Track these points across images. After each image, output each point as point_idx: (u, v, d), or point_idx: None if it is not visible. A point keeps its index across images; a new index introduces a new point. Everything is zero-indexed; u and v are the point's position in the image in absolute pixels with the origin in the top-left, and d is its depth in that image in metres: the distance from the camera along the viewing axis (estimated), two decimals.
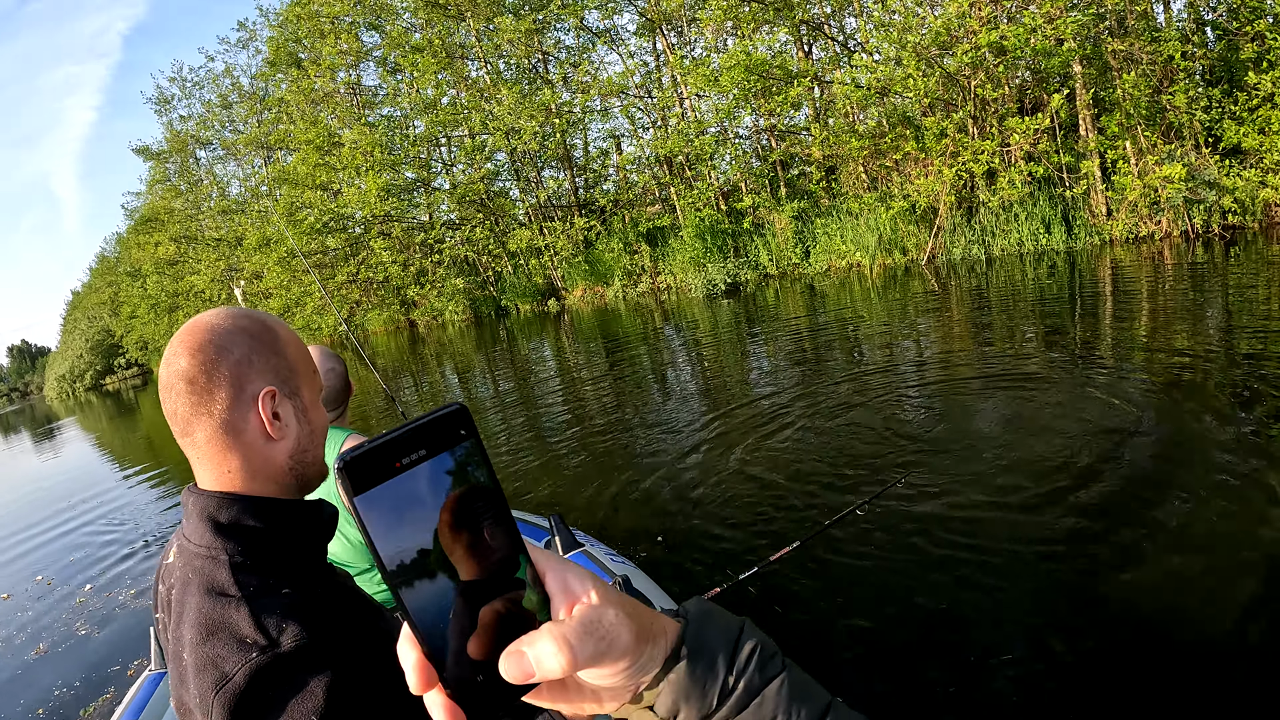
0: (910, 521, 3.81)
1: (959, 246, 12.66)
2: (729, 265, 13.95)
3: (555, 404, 8.28)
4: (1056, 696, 2.50)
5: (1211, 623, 2.74)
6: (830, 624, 3.10)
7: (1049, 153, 12.72)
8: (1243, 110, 12.47)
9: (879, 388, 6.56)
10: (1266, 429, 4.29)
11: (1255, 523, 3.27)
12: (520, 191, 16.65)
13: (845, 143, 13.25)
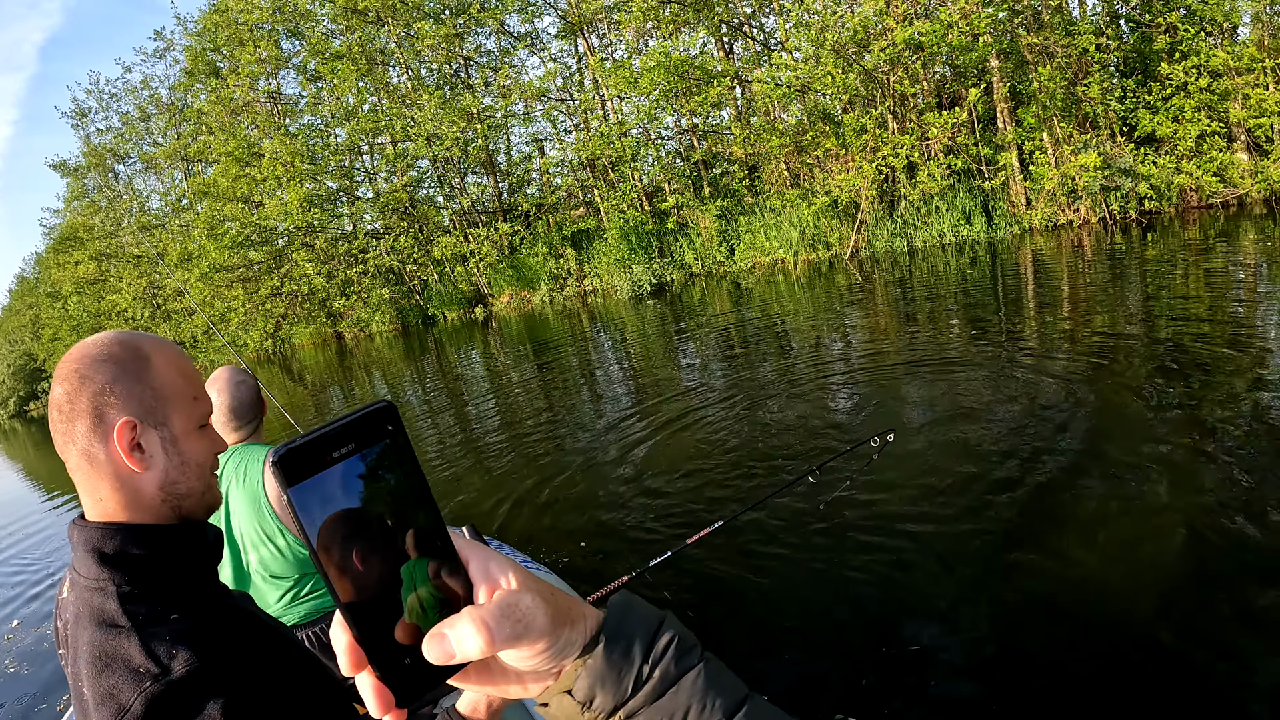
0: (833, 507, 3.75)
1: (881, 240, 12.57)
2: (654, 266, 13.71)
3: (483, 411, 8.04)
4: (979, 678, 2.47)
5: (1137, 591, 2.75)
6: (748, 613, 3.05)
7: (968, 146, 12.71)
8: (1156, 100, 12.62)
9: (805, 379, 6.50)
10: (1187, 405, 4.33)
11: (1178, 495, 3.31)
12: (444, 198, 16.22)
13: (767, 141, 13.13)
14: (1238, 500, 3.22)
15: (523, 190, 16.29)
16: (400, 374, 13.09)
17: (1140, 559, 2.95)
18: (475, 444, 6.61)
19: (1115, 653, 2.47)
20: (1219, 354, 5.16)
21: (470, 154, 15.36)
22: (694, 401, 6.33)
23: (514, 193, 16.28)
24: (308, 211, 16.47)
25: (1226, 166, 12.09)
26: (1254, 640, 2.42)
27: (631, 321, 12.22)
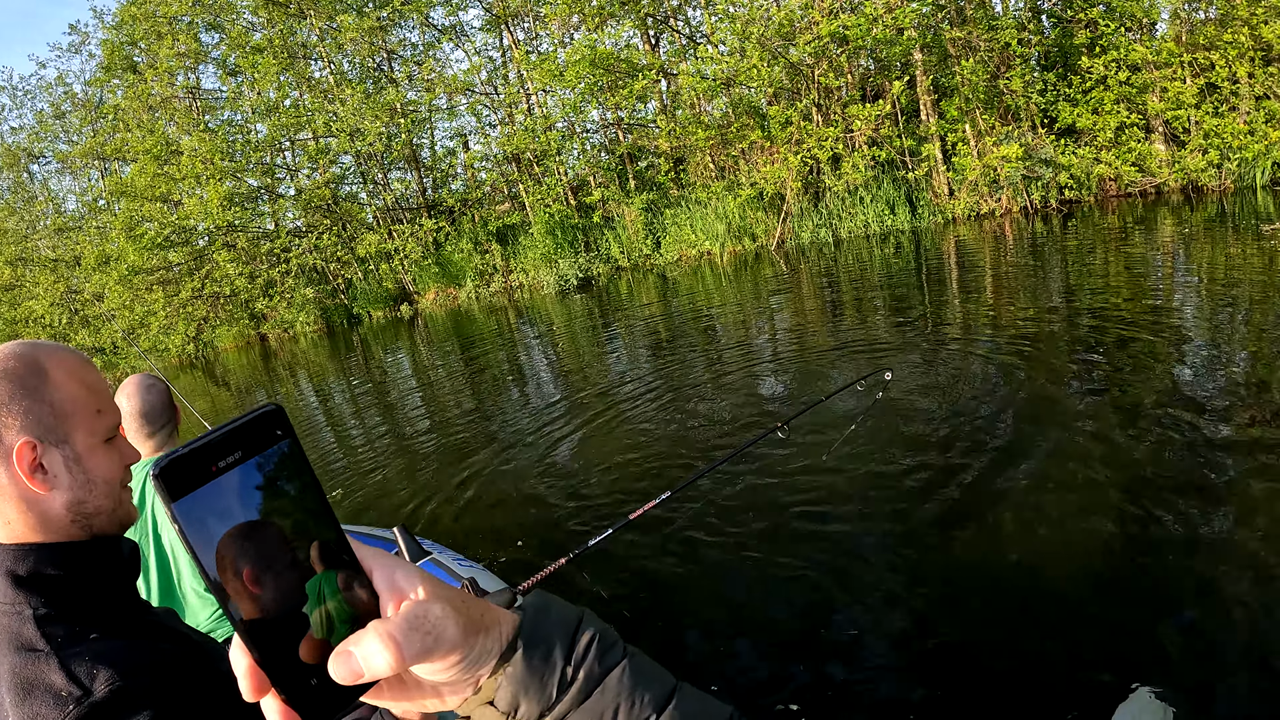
0: (758, 494, 3.75)
1: (807, 231, 12.48)
2: (580, 260, 13.45)
3: (411, 410, 7.81)
4: (912, 663, 2.47)
5: (1069, 567, 2.77)
6: (679, 603, 3.01)
7: (891, 137, 12.68)
8: (1076, 93, 12.75)
9: (732, 368, 6.47)
10: (1111, 384, 4.42)
11: (1105, 472, 3.36)
12: (367, 195, 15.75)
13: (692, 134, 12.95)
14: (1162, 474, 3.31)
15: (447, 186, 15.89)
16: (326, 375, 12.76)
17: (1070, 536, 2.98)
18: (404, 443, 6.42)
19: (1049, 630, 2.49)
20: (1139, 335, 5.24)
21: (394, 149, 14.95)
22: (622, 394, 6.26)
23: (438, 188, 15.88)
24: (228, 210, 15.87)
25: (1145, 157, 12.26)
26: (1178, 607, 2.49)
27: (559, 316, 12.04)
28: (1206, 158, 11.74)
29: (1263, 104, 11.67)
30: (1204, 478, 3.23)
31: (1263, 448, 3.38)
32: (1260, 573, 2.57)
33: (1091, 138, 12.55)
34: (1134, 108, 12.38)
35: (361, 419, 8.09)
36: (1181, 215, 10.85)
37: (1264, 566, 2.59)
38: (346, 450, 6.66)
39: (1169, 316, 5.71)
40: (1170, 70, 12.19)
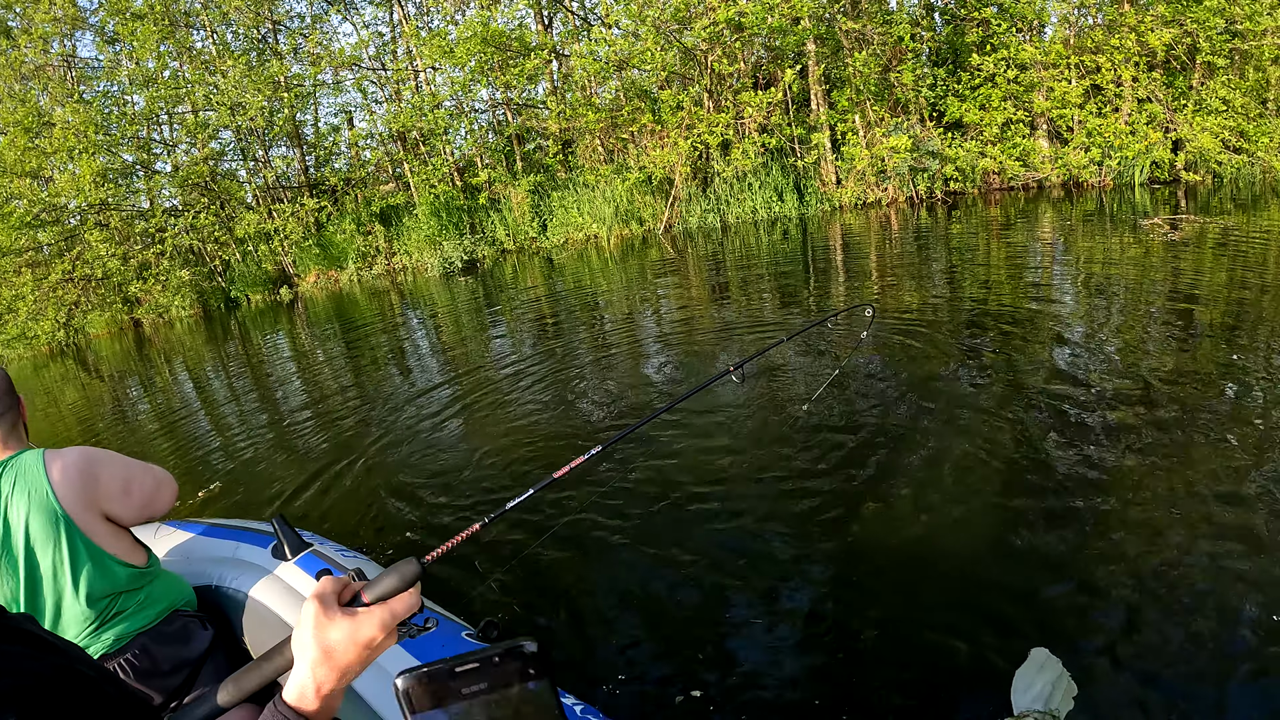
0: (644, 480, 3.72)
1: (695, 216, 12.28)
2: (465, 242, 12.98)
3: (292, 398, 7.37)
4: (809, 640, 2.48)
5: (961, 544, 2.86)
6: (567, 593, 2.98)
7: (782, 125, 12.58)
8: (965, 89, 12.90)
9: (618, 351, 6.51)
10: (993, 367, 4.55)
11: (990, 451, 3.48)
12: (247, 173, 14.98)
13: (582, 116, 12.63)
14: (1046, 450, 3.44)
15: (330, 164, 15.20)
16: (202, 362, 12.03)
17: (963, 511, 3.06)
18: (284, 432, 6.07)
19: (947, 603, 2.55)
20: (1022, 320, 5.42)
21: (276, 124, 14.23)
22: (507, 377, 6.16)
23: (321, 167, 15.18)
24: (101, 187, 14.86)
25: (1029, 152, 12.46)
26: (1067, 574, 2.60)
27: (442, 299, 11.61)
28: (1088, 155, 11.99)
29: (1145, 106, 11.97)
30: (1084, 452, 3.38)
31: (1137, 424, 3.58)
32: (1138, 537, 2.74)
33: (978, 132, 12.72)
34: (1020, 105, 12.59)
35: (240, 407, 7.66)
36: (1062, 209, 11.06)
37: (1141, 532, 2.77)
38: (225, 440, 6.24)
39: (1049, 303, 5.88)
40: (1057, 71, 12.44)
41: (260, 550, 2.11)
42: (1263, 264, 6.34)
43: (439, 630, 1.78)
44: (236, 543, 2.18)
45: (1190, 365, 4.24)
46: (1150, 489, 3.04)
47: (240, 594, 1.99)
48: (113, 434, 7.54)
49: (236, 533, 2.26)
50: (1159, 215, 9.04)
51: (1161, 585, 2.51)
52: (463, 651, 1.78)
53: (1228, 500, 2.89)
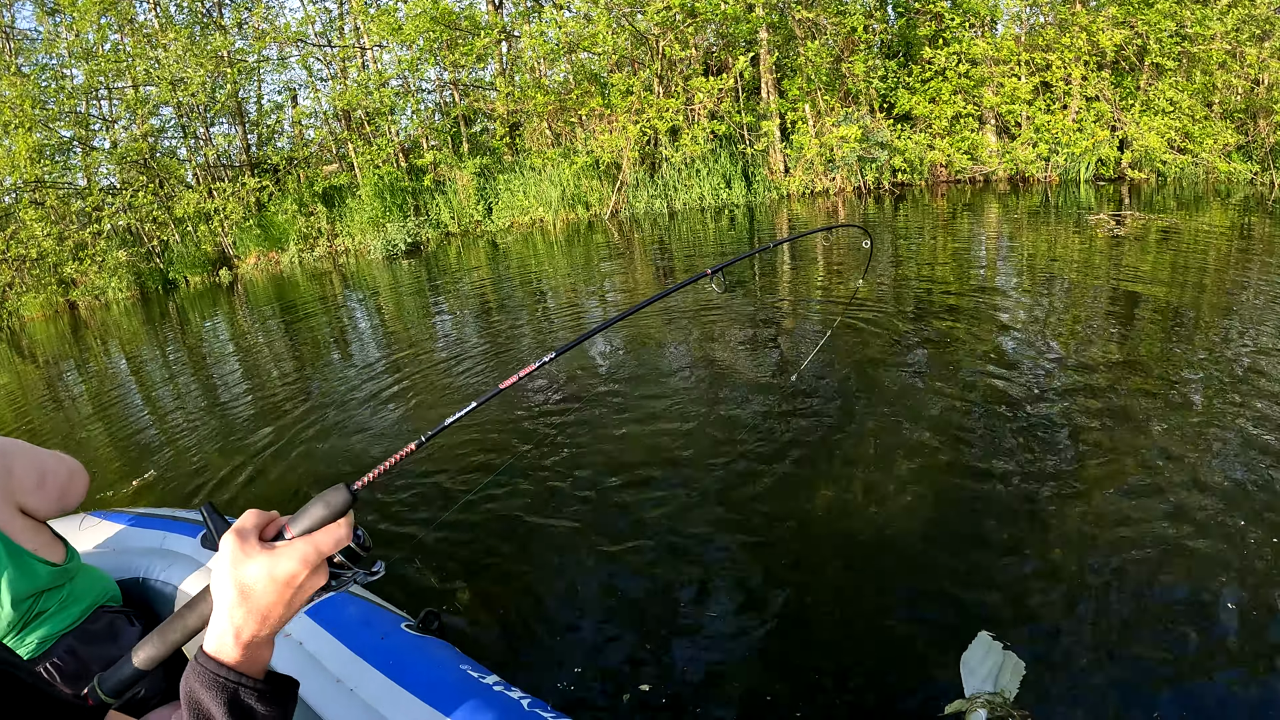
0: (591, 462, 3.71)
1: (642, 201, 12.15)
2: (409, 224, 12.72)
3: (229, 383, 7.17)
4: (757, 626, 2.47)
5: (908, 529, 2.88)
6: (499, 580, 2.95)
7: (732, 112, 12.50)
8: (915, 81, 12.92)
9: (561, 333, 6.52)
10: (937, 354, 4.60)
11: (936, 436, 3.53)
12: (187, 150, 14.54)
13: (531, 98, 12.43)
14: (989, 435, 3.51)
15: (272, 143, 14.84)
16: (139, 345, 11.68)
17: (910, 497, 3.08)
18: (221, 417, 5.89)
19: (896, 587, 2.59)
20: (966, 309, 5.48)
21: (218, 101, 13.84)
22: (446, 360, 6.11)
23: (263, 145, 14.80)
24: (37, 163, 14.35)
25: (977, 146, 12.51)
26: (1012, 557, 2.64)
27: (385, 282, 11.40)
28: (1036, 150, 12.07)
29: (1093, 105, 12.07)
30: (1028, 438, 3.44)
31: (1081, 410, 3.66)
32: (1082, 519, 2.80)
33: (927, 125, 12.75)
34: (970, 99, 12.65)
35: (177, 392, 7.45)
36: (1007, 203, 11.14)
37: (1084, 514, 2.83)
38: (161, 426, 6.04)
39: (995, 294, 5.96)
40: (1008, 67, 12.51)
41: (189, 540, 2.05)
42: (1203, 261, 6.47)
43: (378, 622, 1.73)
44: (164, 533, 2.10)
45: (1131, 354, 4.31)
46: (1093, 473, 3.09)
47: (169, 587, 1.91)
48: (47, 421, 7.29)
49: (164, 522, 2.17)
50: (1105, 211, 9.17)
51: (1105, 567, 2.54)
52: (401, 641, 1.65)
53: (1167, 484, 2.96)
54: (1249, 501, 2.80)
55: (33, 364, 13.04)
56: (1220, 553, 2.54)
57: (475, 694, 1.52)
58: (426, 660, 1.62)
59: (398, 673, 1.56)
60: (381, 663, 1.59)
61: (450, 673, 1.58)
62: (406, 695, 1.50)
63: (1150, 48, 11.40)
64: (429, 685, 1.53)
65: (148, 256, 14.45)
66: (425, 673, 1.57)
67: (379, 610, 1.82)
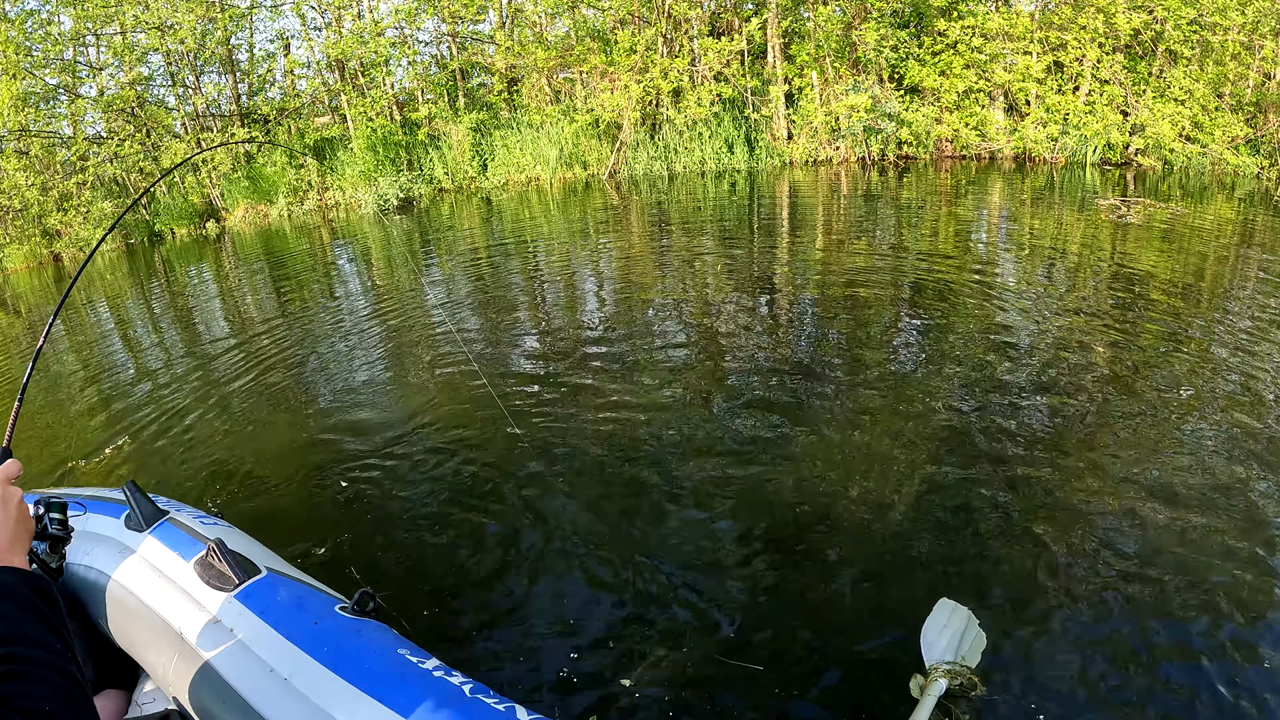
0: (565, 437, 3.65)
1: (641, 162, 11.83)
2: (402, 179, 12.39)
3: (212, 343, 6.91)
4: (723, 618, 2.41)
5: (887, 500, 2.87)
6: (445, 563, 2.83)
7: (738, 75, 12.18)
8: (926, 53, 12.61)
9: (553, 295, 6.41)
10: (931, 334, 4.56)
11: (920, 412, 3.51)
12: (176, 99, 14.16)
13: (531, 53, 12.09)
14: (976, 413, 3.48)
15: (263, 93, 14.46)
16: (124, 299, 11.42)
17: (890, 469, 3.07)
18: (203, 381, 5.68)
19: (867, 561, 2.57)
20: (964, 286, 5.41)
21: (208, 48, 13.45)
22: (434, 321, 6.00)
23: (254, 95, 14.43)
24: (21, 111, 13.97)
25: (985, 122, 12.22)
26: (983, 532, 2.66)
27: (375, 238, 11.10)
28: (1045, 130, 11.78)
29: (1105, 88, 11.79)
30: (1015, 415, 3.44)
31: (1069, 389, 3.64)
32: (1060, 496, 2.82)
33: (936, 98, 12.45)
34: (981, 75, 12.35)
35: (159, 352, 7.17)
36: (1013, 182, 10.95)
37: (1063, 491, 2.86)
38: (141, 392, 5.75)
39: (995, 271, 5.92)
40: (1022, 44, 12.21)
41: (113, 521, 1.99)
42: (1207, 251, 6.36)
43: (312, 605, 1.67)
44: (87, 514, 2.04)
45: (1127, 339, 4.31)
46: (1079, 454, 3.09)
47: (93, 570, 1.86)
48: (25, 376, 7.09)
49: (87, 503, 2.09)
50: (1112, 196, 8.95)
51: (1082, 544, 2.55)
52: (335, 625, 1.65)
53: (1150, 468, 2.96)
54: (1232, 488, 2.79)
55: (16, 316, 12.74)
56: (1196, 532, 2.55)
57: (415, 680, 1.46)
58: (363, 645, 1.56)
59: (333, 660, 1.50)
60: (316, 649, 1.53)
61: (388, 658, 1.52)
62: (342, 684, 1.44)
63: (1170, 34, 11.13)
64: (366, 672, 1.47)
65: (133, 207, 14.09)
66: (362, 659, 1.51)
67: (312, 592, 1.75)
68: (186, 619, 1.66)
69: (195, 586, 1.72)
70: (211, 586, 1.70)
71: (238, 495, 3.56)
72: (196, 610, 1.68)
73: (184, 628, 1.65)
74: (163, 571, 1.80)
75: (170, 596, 1.72)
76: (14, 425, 1.72)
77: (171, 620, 1.68)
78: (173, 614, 1.69)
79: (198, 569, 1.75)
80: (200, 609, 1.68)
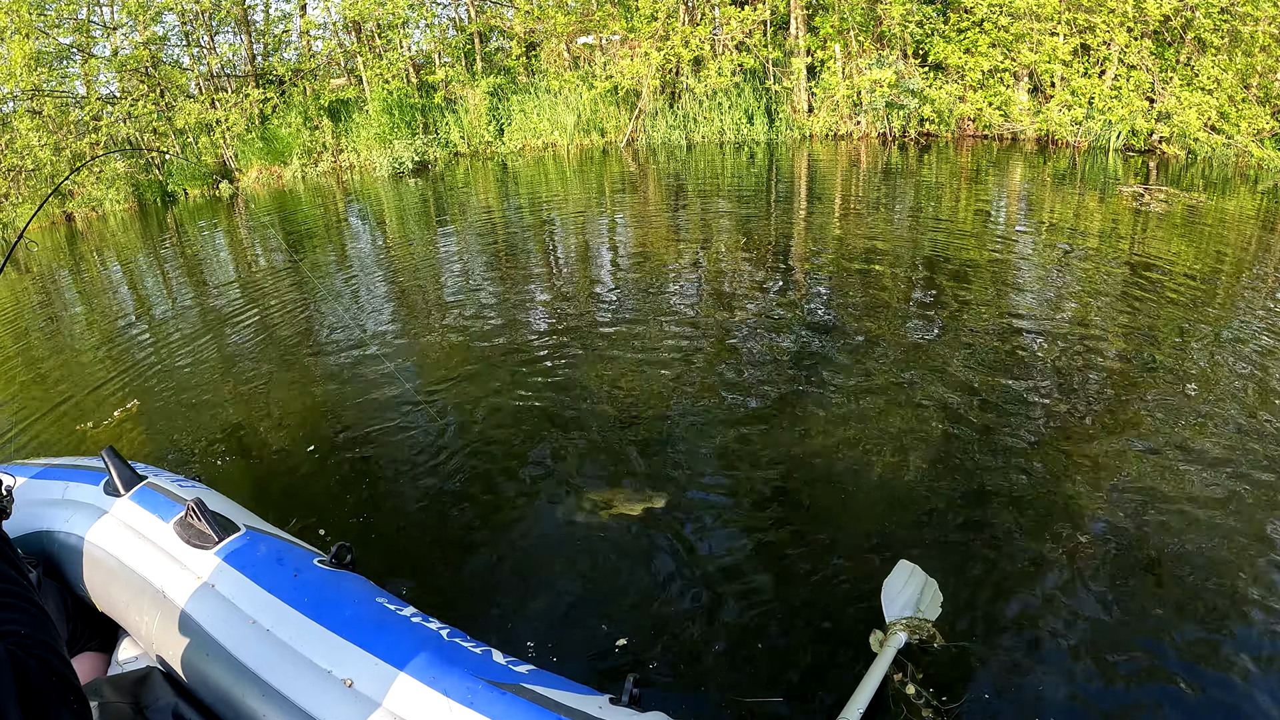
0: (577, 390, 3.66)
1: (659, 131, 11.68)
2: (417, 142, 12.28)
3: (221, 305, 6.83)
4: (721, 563, 2.46)
5: (883, 468, 2.90)
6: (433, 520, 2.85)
7: (761, 45, 12.01)
8: (951, 30, 12.42)
9: (566, 264, 6.35)
10: (944, 313, 4.49)
11: (925, 388, 3.49)
12: (191, 59, 14.05)
13: (550, 18, 11.94)
14: (980, 391, 3.47)
15: (279, 54, 14.34)
16: (135, 258, 11.37)
17: (888, 440, 3.09)
18: (213, 343, 5.65)
19: (856, 527, 2.60)
20: (980, 267, 5.36)
21: (223, 7, 13.35)
22: (447, 283, 5.96)
23: (269, 56, 14.31)
24: (34, 71, 13.88)
25: (1009, 102, 12.03)
26: (1001, 512, 2.65)
27: (389, 201, 11.01)
28: (1070, 114, 11.58)
29: (1132, 73, 11.58)
30: (1021, 396, 3.42)
31: (1079, 375, 3.61)
32: (1059, 477, 2.82)
33: (960, 76, 12.26)
34: (1007, 55, 12.16)
35: (170, 314, 7.05)
36: (1034, 164, 10.83)
37: (1062, 472, 2.85)
38: (148, 353, 5.70)
39: (1012, 254, 5.86)
40: (1050, 25, 12.00)
41: (92, 488, 2.01)
42: (1227, 243, 6.27)
43: (290, 559, 1.69)
44: (66, 482, 2.07)
45: (1143, 328, 4.27)
46: (1080, 438, 3.10)
47: (73, 536, 1.89)
48: (42, 337, 6.98)
49: (66, 472, 2.13)
50: (1135, 183, 8.80)
51: (1073, 522, 2.56)
52: (315, 577, 1.71)
53: (1156, 453, 2.96)
54: (1239, 480, 2.76)
55: (28, 276, 12.71)
56: (1194, 518, 2.55)
57: (394, 625, 1.49)
58: (342, 595, 1.59)
59: (314, 609, 1.54)
60: (297, 600, 1.56)
61: (367, 606, 1.56)
62: (324, 631, 1.48)
63: (1199, 21, 10.91)
64: (346, 620, 1.50)
65: (146, 168, 14.00)
66: (342, 608, 1.55)
67: (291, 547, 1.78)
68: (168, 578, 1.69)
69: (175, 546, 1.75)
70: (192, 545, 1.73)
71: (228, 456, 3.57)
72: (177, 569, 1.70)
73: (165, 586, 1.67)
74: (142, 533, 1.82)
75: (151, 557, 1.75)
76: None
77: (152, 580, 1.70)
78: (154, 574, 1.71)
79: (177, 529, 1.77)
80: (181, 567, 1.70)
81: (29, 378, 5.53)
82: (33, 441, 4.20)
